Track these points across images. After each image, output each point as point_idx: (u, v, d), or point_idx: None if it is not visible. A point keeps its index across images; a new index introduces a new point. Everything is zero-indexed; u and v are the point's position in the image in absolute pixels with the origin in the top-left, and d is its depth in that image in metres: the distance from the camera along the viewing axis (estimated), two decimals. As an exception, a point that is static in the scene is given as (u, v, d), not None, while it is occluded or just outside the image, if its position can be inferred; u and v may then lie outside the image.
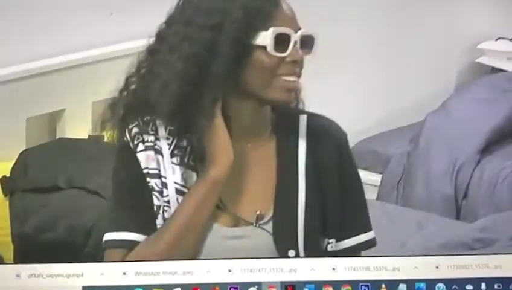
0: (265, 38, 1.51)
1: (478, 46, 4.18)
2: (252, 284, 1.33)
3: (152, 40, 1.59)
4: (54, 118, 2.76)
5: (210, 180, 1.53)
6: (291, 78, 1.55)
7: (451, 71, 4.27)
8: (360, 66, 3.81)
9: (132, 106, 1.58)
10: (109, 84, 1.64)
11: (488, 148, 3.51)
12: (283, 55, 1.53)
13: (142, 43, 1.65)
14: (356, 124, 3.48)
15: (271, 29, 1.51)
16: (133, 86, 1.59)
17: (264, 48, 1.52)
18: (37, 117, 2.71)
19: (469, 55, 4.24)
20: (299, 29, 1.55)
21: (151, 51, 1.58)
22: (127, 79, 1.60)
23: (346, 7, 3.69)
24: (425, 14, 4.02)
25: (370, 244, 1.66)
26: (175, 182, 1.56)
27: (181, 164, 1.56)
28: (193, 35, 1.52)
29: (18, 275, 1.33)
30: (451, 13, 4.15)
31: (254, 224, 1.58)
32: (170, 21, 1.57)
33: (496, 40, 4.20)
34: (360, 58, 3.80)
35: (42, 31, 2.72)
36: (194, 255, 1.55)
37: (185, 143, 1.57)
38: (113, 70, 1.66)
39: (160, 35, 1.58)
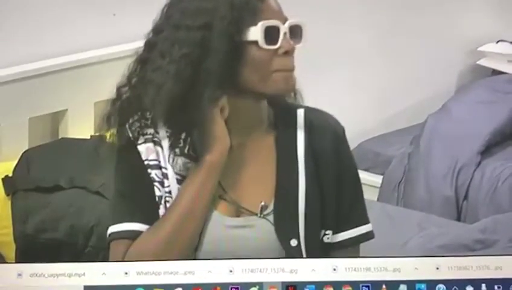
0: (255, 32, 1.54)
1: (479, 49, 4.18)
2: (253, 284, 1.34)
3: (141, 49, 1.60)
4: (57, 118, 2.77)
5: (207, 165, 1.56)
6: (287, 72, 1.57)
7: (452, 73, 4.27)
8: (361, 68, 3.82)
9: (126, 114, 1.61)
10: (111, 84, 1.66)
11: (488, 149, 3.51)
12: (274, 47, 1.55)
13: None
14: (357, 125, 3.49)
15: (260, 23, 1.54)
16: (125, 95, 1.61)
17: (255, 43, 1.54)
18: (40, 117, 2.72)
19: (470, 57, 4.24)
20: (286, 20, 1.58)
21: (140, 60, 1.60)
22: (118, 89, 1.62)
23: (347, 8, 3.69)
24: (426, 16, 4.03)
25: (367, 237, 1.68)
26: (175, 173, 1.59)
27: (181, 154, 1.59)
28: (183, 37, 1.54)
29: (20, 275, 1.34)
30: (452, 15, 4.15)
31: (258, 214, 1.60)
32: (157, 29, 1.60)
33: (497, 42, 4.20)
34: (360, 59, 3.80)
35: (44, 31, 2.72)
36: (195, 243, 1.57)
37: (183, 135, 1.59)
38: (115, 71, 1.67)
39: (149, 44, 1.60)
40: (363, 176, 1.71)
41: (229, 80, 1.55)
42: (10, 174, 2.47)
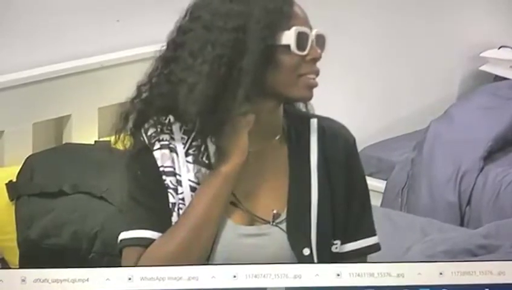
0: (288, 37, 1.56)
1: (481, 55, 4.18)
2: (257, 289, 1.34)
3: (163, 48, 1.60)
4: (60, 123, 2.77)
5: (222, 175, 1.56)
6: (313, 76, 1.59)
7: (455, 79, 4.27)
8: (365, 74, 3.82)
9: (146, 113, 1.60)
10: (115, 90, 1.66)
11: (491, 155, 3.51)
12: (304, 53, 1.57)
13: (148, 49, 1.66)
14: (360, 131, 3.47)
15: (293, 28, 1.56)
16: (145, 94, 1.61)
17: (285, 47, 1.56)
18: (44, 122, 2.72)
19: (472, 63, 4.25)
20: (311, 28, 1.60)
21: (164, 58, 1.60)
22: (138, 87, 1.62)
23: (350, 15, 3.70)
24: (428, 23, 4.03)
25: (374, 249, 1.68)
26: (189, 180, 1.59)
27: (195, 162, 1.59)
28: (216, 38, 1.54)
29: (23, 280, 1.34)
30: (454, 22, 4.16)
31: (271, 222, 1.60)
32: (184, 29, 1.59)
33: (499, 48, 4.21)
34: (364, 66, 3.81)
35: (49, 37, 2.73)
36: (208, 252, 1.57)
37: (199, 142, 1.59)
38: (119, 77, 1.68)
39: (174, 43, 1.59)
40: (367, 181, 1.72)
41: (257, 83, 1.55)
42: (14, 180, 2.48)
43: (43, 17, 2.72)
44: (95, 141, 2.68)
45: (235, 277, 1.34)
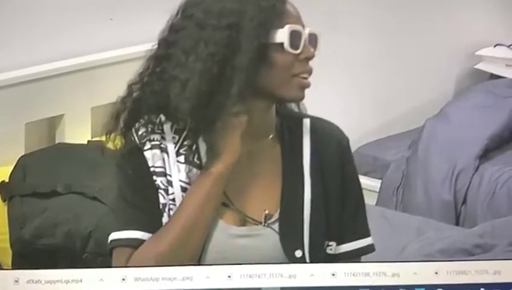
0: (282, 35, 1.55)
1: (477, 53, 4.19)
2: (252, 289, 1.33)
3: (154, 48, 1.59)
4: (53, 123, 2.77)
5: (213, 176, 1.55)
6: (306, 75, 1.58)
7: (450, 77, 4.27)
8: (360, 73, 3.82)
9: (137, 112, 1.59)
10: (109, 89, 1.65)
11: (486, 154, 3.51)
12: (297, 52, 1.56)
13: (141, 48, 1.65)
14: (355, 130, 3.48)
15: (287, 26, 1.55)
16: (136, 93, 1.60)
17: (279, 45, 1.55)
18: (36, 122, 2.71)
19: (468, 61, 4.25)
20: (304, 27, 1.59)
21: (156, 57, 1.59)
22: (129, 86, 1.61)
23: (346, 16, 3.69)
24: (424, 21, 4.03)
25: (368, 250, 1.67)
26: (180, 180, 1.58)
27: (186, 162, 1.58)
28: (209, 36, 1.54)
29: (16, 281, 1.33)
30: (450, 20, 4.16)
31: (263, 223, 1.59)
32: (176, 27, 1.58)
33: (495, 46, 4.21)
34: (359, 65, 3.81)
35: (42, 36, 2.72)
36: (199, 253, 1.56)
37: (190, 142, 1.58)
38: (112, 76, 1.67)
39: (166, 41, 1.58)
40: (362, 180, 1.71)
41: (250, 83, 1.54)
42: (6, 180, 2.47)
43: (35, 17, 2.71)
44: (88, 141, 2.68)
45: (229, 277, 1.33)
